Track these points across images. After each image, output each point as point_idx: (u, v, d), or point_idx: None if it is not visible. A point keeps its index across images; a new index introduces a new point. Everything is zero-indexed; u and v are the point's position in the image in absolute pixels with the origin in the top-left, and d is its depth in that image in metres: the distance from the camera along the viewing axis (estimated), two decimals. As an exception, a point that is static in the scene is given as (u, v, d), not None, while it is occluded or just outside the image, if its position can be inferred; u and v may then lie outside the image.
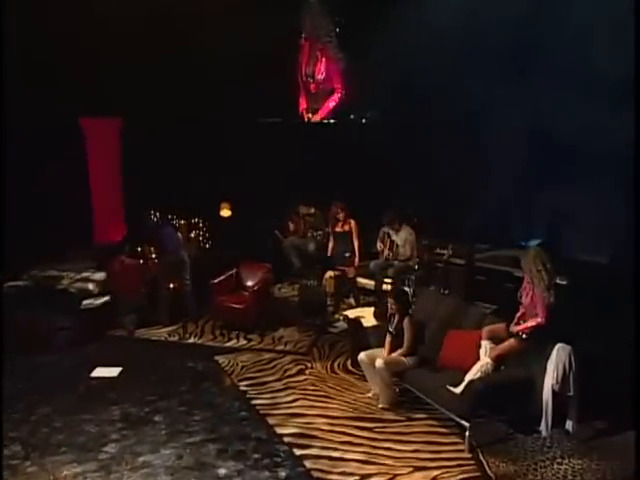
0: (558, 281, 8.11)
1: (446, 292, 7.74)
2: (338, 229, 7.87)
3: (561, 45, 8.89)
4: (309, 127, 10.32)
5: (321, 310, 7.76)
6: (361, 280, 8.28)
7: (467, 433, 4.82)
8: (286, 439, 5.02)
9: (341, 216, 7.76)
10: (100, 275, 8.09)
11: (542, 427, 4.89)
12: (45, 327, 7.00)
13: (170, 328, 7.55)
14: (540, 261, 5.05)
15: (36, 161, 9.61)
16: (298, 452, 4.84)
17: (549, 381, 4.83)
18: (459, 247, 8.10)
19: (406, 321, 5.56)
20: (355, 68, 10.90)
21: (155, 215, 10.25)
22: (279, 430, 5.16)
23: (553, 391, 4.84)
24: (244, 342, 7.20)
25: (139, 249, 8.59)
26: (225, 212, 9.04)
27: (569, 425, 4.98)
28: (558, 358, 4.86)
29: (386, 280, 6.62)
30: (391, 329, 5.69)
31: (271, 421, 5.32)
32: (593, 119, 8.55)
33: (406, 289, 6.64)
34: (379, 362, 5.45)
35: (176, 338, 7.30)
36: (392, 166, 10.67)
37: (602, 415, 5.15)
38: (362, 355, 5.72)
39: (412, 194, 10.23)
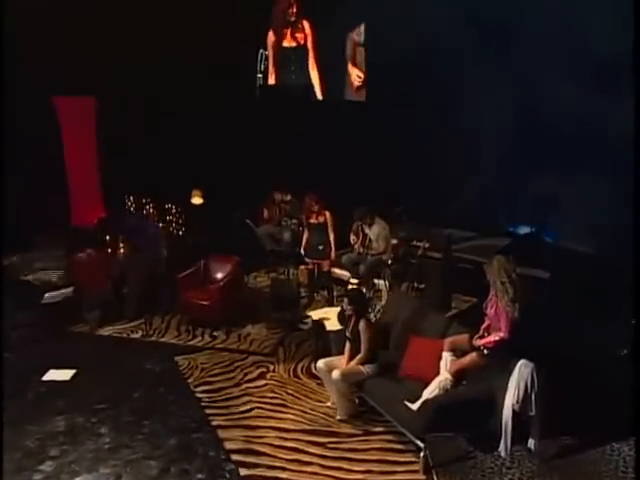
0: (539, 275, 7.98)
1: (422, 286, 7.48)
2: (312, 220, 7.51)
3: (551, 25, 8.40)
4: (289, 108, 9.87)
5: (292, 304, 7.48)
6: (337, 271, 7.98)
7: (422, 453, 4.58)
8: (234, 456, 4.79)
9: (315, 208, 7.39)
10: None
11: (501, 448, 4.62)
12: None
13: (134, 323, 7.27)
14: (505, 272, 4.70)
15: (7, 142, 9.33)
16: (244, 472, 4.61)
17: (509, 400, 4.54)
18: (437, 238, 7.78)
19: (362, 325, 5.24)
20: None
21: (129, 199, 9.98)
22: (228, 445, 4.93)
23: (513, 410, 4.56)
24: (209, 340, 6.94)
25: (107, 238, 8.28)
26: (197, 200, 8.69)
27: (531, 444, 4.72)
28: (520, 376, 4.56)
29: (352, 280, 6.32)
30: (348, 334, 5.40)
31: (222, 434, 5.08)
32: (583, 102, 8.13)
33: (364, 290, 6.32)
34: (335, 373, 5.16)
35: (139, 335, 7.04)
36: (375, 150, 10.29)
37: (568, 432, 4.91)
38: (320, 363, 5.43)
39: (396, 179, 9.88)
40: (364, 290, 6.90)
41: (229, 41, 9.36)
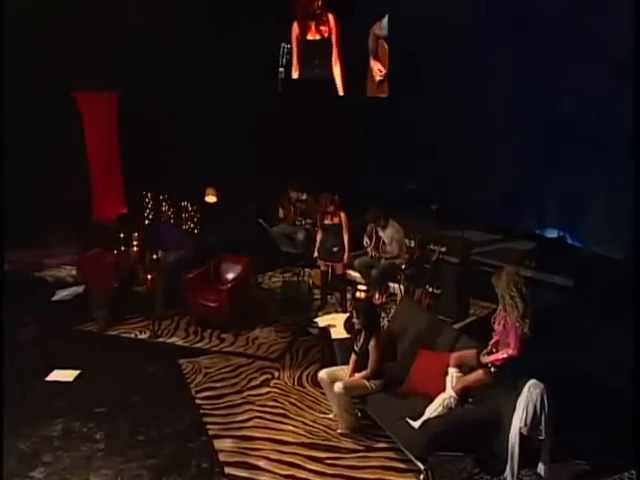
0: (562, 282, 7.61)
1: (438, 292, 7.19)
2: (327, 221, 7.26)
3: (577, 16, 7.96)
4: (306, 104, 9.64)
5: (303, 307, 7.28)
6: (352, 273, 7.77)
7: (422, 476, 4.34)
8: (228, 469, 4.64)
9: (331, 208, 7.15)
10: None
11: (507, 474, 4.33)
12: (9, 321, 6.76)
13: (143, 323, 7.19)
14: (514, 286, 4.40)
15: (31, 138, 9.37)
16: (236, 487, 4.47)
17: (517, 423, 4.26)
18: (455, 242, 7.46)
19: (372, 343, 4.99)
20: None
21: (147, 196, 9.95)
22: (223, 457, 4.77)
23: (521, 434, 4.28)
24: (216, 342, 6.81)
25: (122, 235, 8.21)
26: (210, 198, 8.56)
27: (541, 469, 4.43)
28: (529, 397, 4.26)
29: (360, 287, 6.07)
30: (356, 348, 5.18)
31: (218, 445, 4.93)
32: (612, 100, 7.68)
33: (375, 299, 6.05)
34: (338, 386, 4.95)
35: (146, 335, 6.96)
36: (397, 146, 10.01)
37: (581, 457, 4.61)
38: (322, 373, 5.22)
39: (424, 178, 9.60)
40: (374, 300, 6.70)
41: (250, 34, 9.20)
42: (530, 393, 4.27)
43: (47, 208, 9.12)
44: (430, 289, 7.00)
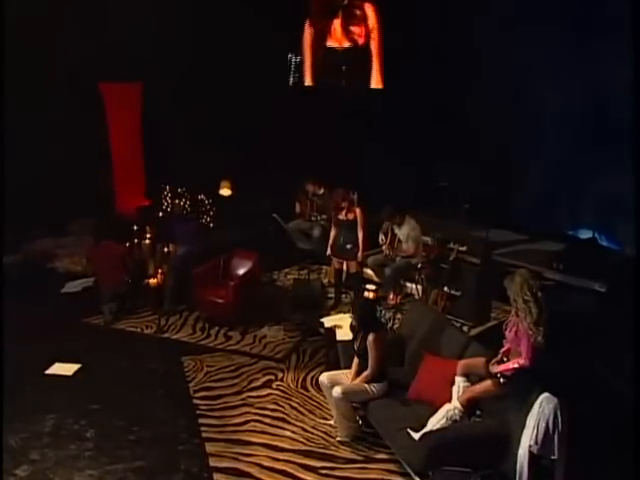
0: (593, 287, 7.10)
1: (457, 294, 6.81)
2: (341, 217, 6.95)
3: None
4: (324, 96, 9.31)
5: (314, 307, 7.00)
6: (369, 272, 7.45)
7: (419, 493, 4.02)
8: (217, 476, 4.40)
9: (344, 204, 6.84)
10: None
11: (514, 495, 3.98)
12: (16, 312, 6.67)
13: (151, 318, 7.01)
14: (529, 290, 4.03)
15: (55, 129, 9.36)
16: (223, 495, 4.23)
17: (526, 441, 3.89)
18: (476, 241, 7.05)
19: (370, 340, 4.68)
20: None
21: (166, 189, 9.81)
22: (213, 462, 4.54)
23: (531, 452, 3.90)
24: (222, 340, 6.59)
25: (135, 228, 8.08)
26: (225, 191, 8.34)
27: (554, 491, 4.05)
28: (540, 412, 3.88)
29: (368, 287, 5.74)
30: (355, 347, 4.87)
31: (209, 448, 4.70)
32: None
33: (380, 296, 5.68)
34: (336, 391, 4.66)
35: (152, 331, 6.78)
36: (424, 142, 9.60)
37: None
38: (323, 377, 4.93)
39: (456, 175, 9.20)
40: (388, 300, 6.36)
41: (265, 26, 8.93)
42: (542, 408, 3.89)
43: (71, 199, 9.07)
44: (447, 290, 6.63)
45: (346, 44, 8.32)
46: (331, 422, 4.99)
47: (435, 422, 4.19)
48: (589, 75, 8.41)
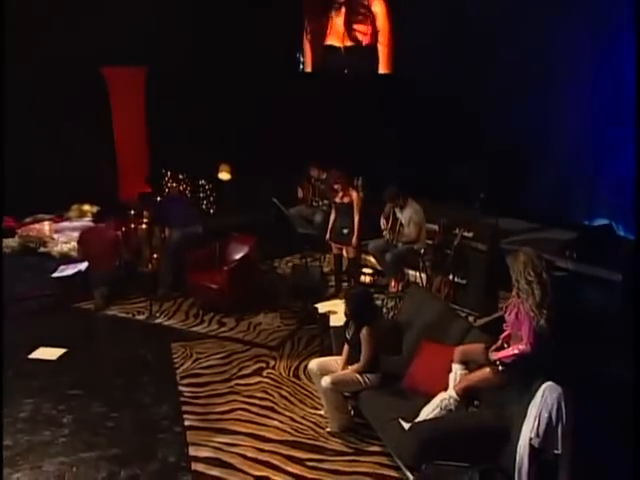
0: (607, 276, 6.70)
1: (463, 282, 6.47)
2: (338, 200, 6.66)
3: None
4: (335, 79, 9.00)
5: (313, 294, 6.69)
6: (372, 259, 7.13)
7: (409, 489, 3.70)
8: (195, 465, 4.13)
9: (338, 186, 6.54)
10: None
11: (513, 492, 3.65)
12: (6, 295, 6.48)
13: (144, 304, 6.77)
14: (533, 269, 3.69)
15: (58, 113, 9.20)
16: (200, 486, 3.95)
17: (526, 433, 3.55)
18: (484, 227, 6.69)
19: (364, 332, 4.36)
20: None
21: (167, 174, 9.59)
22: (193, 451, 4.27)
23: (532, 446, 3.57)
24: (215, 327, 6.33)
25: (132, 212, 7.85)
26: (224, 175, 8.06)
27: (558, 490, 3.71)
28: (543, 403, 3.54)
29: (365, 270, 5.42)
30: (347, 336, 4.57)
31: (190, 437, 4.43)
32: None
33: (368, 290, 5.27)
34: (325, 380, 4.34)
35: (144, 317, 6.54)
36: (442, 129, 9.22)
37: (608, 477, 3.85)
38: (312, 364, 4.63)
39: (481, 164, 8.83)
40: (389, 287, 6.02)
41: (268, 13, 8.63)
42: (545, 398, 3.55)
43: (73, 185, 8.90)
44: (451, 278, 6.29)
45: (348, 43, 7.95)
46: (322, 412, 4.69)
47: (428, 412, 3.87)
48: (604, 59, 8.05)
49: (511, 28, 8.55)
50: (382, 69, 8.36)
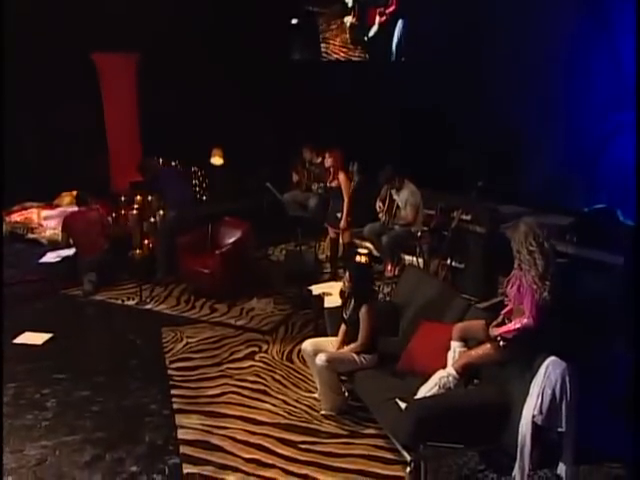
0: (608, 260, 6.56)
1: (461, 266, 6.31)
2: (329, 184, 6.49)
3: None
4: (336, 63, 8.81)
5: (308, 279, 6.52)
6: (368, 245, 6.97)
7: (407, 469, 3.53)
8: (184, 448, 3.95)
9: (331, 167, 6.33)
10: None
11: (515, 472, 3.47)
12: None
13: (133, 289, 6.58)
14: (534, 239, 3.53)
15: (49, 101, 9.01)
16: (188, 469, 3.77)
17: (529, 411, 3.39)
18: (483, 211, 6.53)
19: (363, 311, 4.21)
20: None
21: (159, 161, 9.39)
22: (182, 434, 4.10)
23: (535, 424, 3.41)
24: (207, 312, 6.16)
25: (123, 199, 7.66)
26: (217, 160, 7.87)
27: (562, 470, 3.54)
28: (546, 379, 3.38)
29: (360, 250, 5.26)
30: (345, 315, 4.41)
31: (180, 420, 4.26)
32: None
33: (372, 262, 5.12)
34: (320, 358, 4.18)
35: (134, 302, 6.37)
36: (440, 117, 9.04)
37: (612, 456, 3.69)
38: (306, 344, 4.47)
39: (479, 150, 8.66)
40: (386, 271, 5.83)
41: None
42: (548, 374, 3.39)
43: (64, 172, 8.71)
44: (449, 262, 6.13)
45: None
46: (315, 395, 4.52)
47: (426, 390, 3.71)
48: (604, 44, 7.92)
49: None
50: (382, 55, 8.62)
